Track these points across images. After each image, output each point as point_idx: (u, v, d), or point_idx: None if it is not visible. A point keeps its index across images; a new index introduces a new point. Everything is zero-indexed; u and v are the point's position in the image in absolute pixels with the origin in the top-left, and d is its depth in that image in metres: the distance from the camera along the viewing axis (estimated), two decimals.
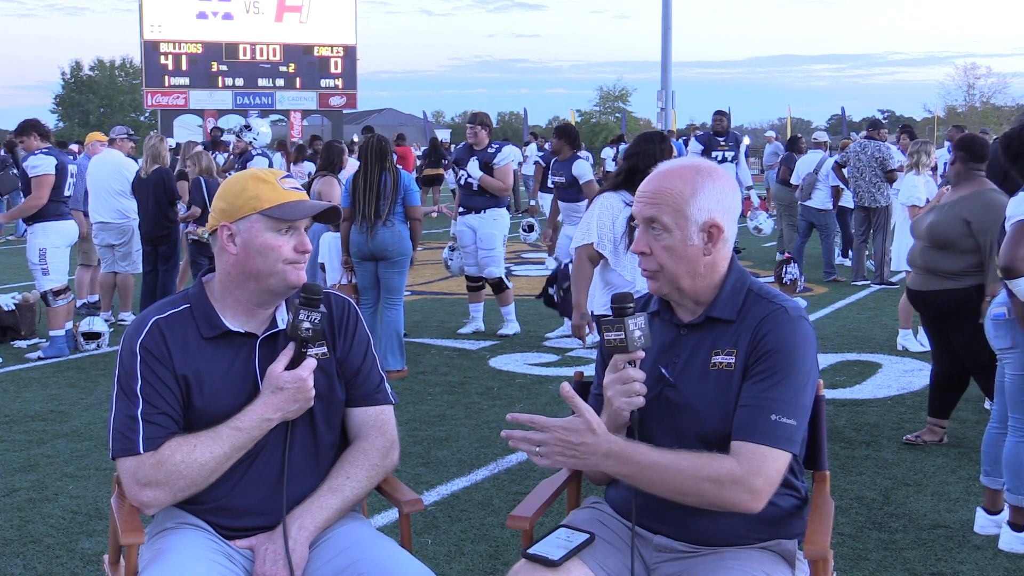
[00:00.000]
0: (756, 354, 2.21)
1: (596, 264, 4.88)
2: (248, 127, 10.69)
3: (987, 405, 4.96)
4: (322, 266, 8.04)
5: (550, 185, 9.70)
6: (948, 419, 5.47)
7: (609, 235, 4.75)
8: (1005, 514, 4.17)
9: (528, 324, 8.92)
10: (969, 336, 5.00)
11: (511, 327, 8.75)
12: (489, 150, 8.41)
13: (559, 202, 9.17)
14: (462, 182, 8.59)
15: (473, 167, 8.37)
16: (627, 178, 4.78)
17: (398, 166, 7.32)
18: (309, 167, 13.09)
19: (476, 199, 8.46)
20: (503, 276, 8.62)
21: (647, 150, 4.87)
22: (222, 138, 15.97)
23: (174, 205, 9.20)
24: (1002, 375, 4.14)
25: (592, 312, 4.93)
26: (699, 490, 2.12)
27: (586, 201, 8.18)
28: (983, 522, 4.24)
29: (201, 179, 8.87)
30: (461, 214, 8.65)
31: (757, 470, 2.12)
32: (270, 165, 12.40)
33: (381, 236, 7.04)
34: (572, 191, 8.80)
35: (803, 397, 2.20)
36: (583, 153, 9.31)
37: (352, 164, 9.60)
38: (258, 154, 10.48)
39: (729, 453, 2.16)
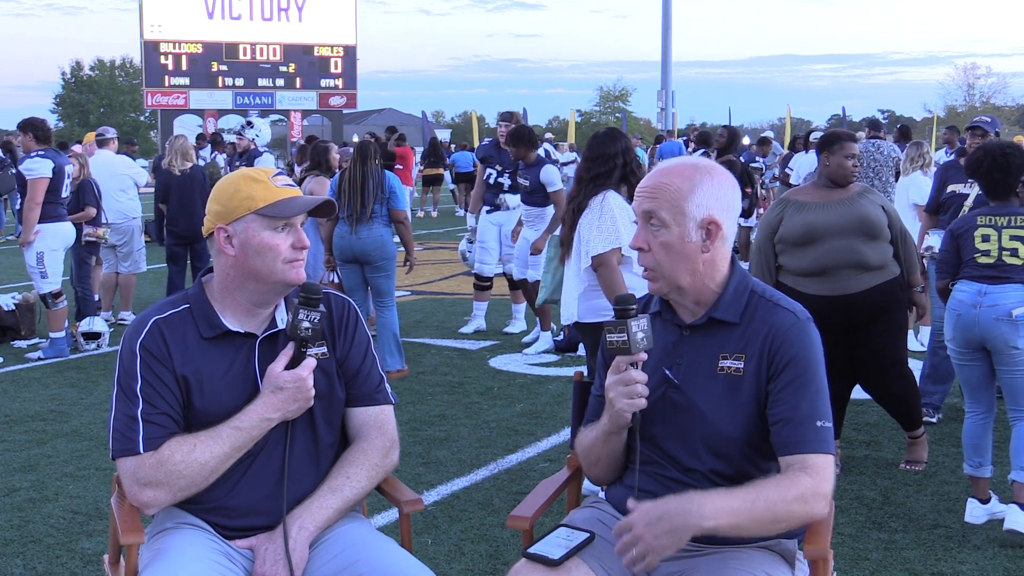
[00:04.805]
0: (775, 364, 2.22)
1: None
2: (250, 124, 10.62)
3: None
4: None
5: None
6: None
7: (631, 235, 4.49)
8: (994, 503, 4.29)
9: (529, 324, 8.92)
10: (902, 324, 4.99)
11: (517, 325, 8.81)
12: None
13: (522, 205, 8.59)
14: (491, 181, 8.57)
15: (513, 200, 8.36)
16: (621, 180, 4.67)
17: (386, 169, 7.35)
18: None
19: (504, 197, 8.48)
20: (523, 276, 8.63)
21: (626, 145, 4.72)
22: (224, 137, 15.96)
23: None
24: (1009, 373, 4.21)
25: (578, 321, 4.81)
26: (791, 512, 2.11)
27: (551, 207, 7.96)
28: (978, 512, 4.30)
29: (90, 180, 8.77)
30: (488, 212, 8.64)
31: (826, 477, 2.16)
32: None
33: (365, 236, 7.04)
34: (538, 196, 8.20)
35: (828, 399, 2.25)
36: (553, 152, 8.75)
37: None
38: (265, 151, 10.44)
39: (769, 466, 2.22)
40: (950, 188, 6.05)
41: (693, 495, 2.08)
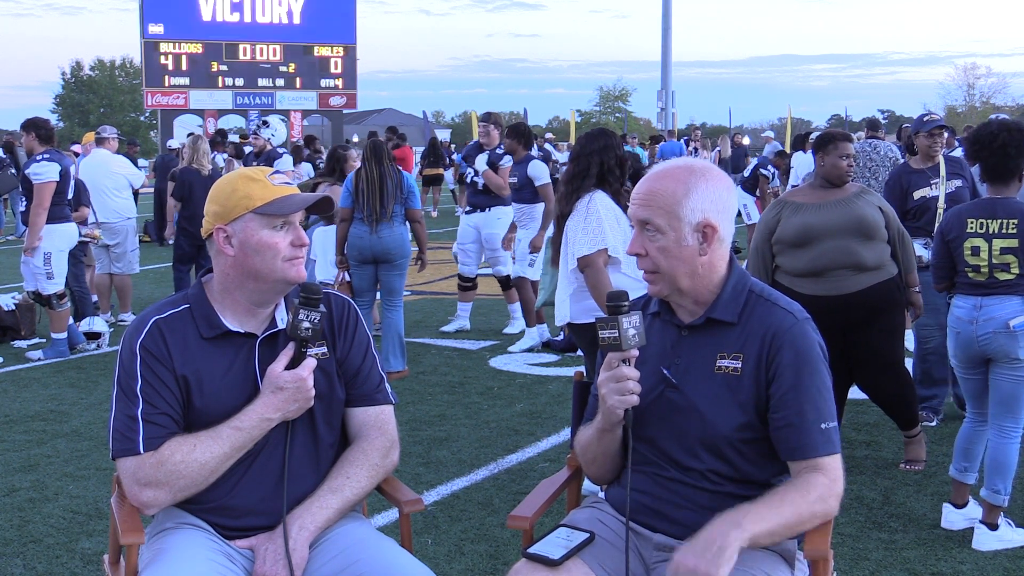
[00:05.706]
0: (775, 366, 2.22)
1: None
2: (266, 123, 10.60)
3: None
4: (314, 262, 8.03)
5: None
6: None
7: (620, 237, 4.51)
8: (971, 508, 4.25)
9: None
10: (899, 324, 4.98)
11: (517, 325, 8.83)
12: (497, 150, 8.47)
13: (513, 204, 8.60)
14: (469, 180, 8.65)
15: (480, 163, 8.46)
16: (600, 180, 4.66)
17: (399, 168, 7.38)
18: (307, 168, 13.00)
19: (481, 197, 8.54)
20: (511, 274, 8.65)
21: (605, 144, 4.69)
22: (231, 137, 15.98)
23: None
24: (998, 380, 4.14)
25: (571, 322, 4.80)
26: (813, 512, 2.17)
27: (542, 204, 8.01)
28: (953, 518, 4.27)
29: (81, 180, 8.74)
30: (467, 212, 8.70)
31: (837, 477, 2.22)
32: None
33: (386, 236, 7.05)
34: (526, 193, 8.27)
35: (831, 397, 2.25)
36: (536, 153, 8.79)
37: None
38: (283, 151, 10.40)
39: (770, 468, 2.25)
40: (918, 194, 5.67)
41: (725, 515, 2.10)
